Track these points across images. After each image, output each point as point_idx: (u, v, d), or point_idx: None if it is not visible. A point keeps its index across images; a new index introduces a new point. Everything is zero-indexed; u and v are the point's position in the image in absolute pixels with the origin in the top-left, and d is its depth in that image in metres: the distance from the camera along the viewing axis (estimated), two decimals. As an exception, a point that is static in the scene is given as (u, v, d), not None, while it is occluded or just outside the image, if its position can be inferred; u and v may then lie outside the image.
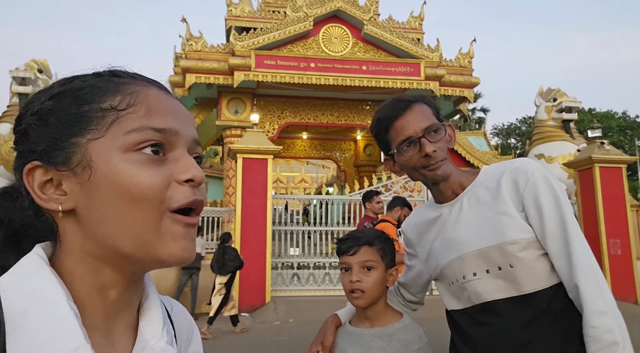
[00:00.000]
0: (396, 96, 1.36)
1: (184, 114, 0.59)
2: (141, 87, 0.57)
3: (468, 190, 1.27)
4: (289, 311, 8.14)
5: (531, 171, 1.18)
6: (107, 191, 0.52)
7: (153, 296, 0.61)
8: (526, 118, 34.13)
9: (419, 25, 14.44)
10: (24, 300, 0.50)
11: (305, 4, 11.80)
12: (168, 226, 0.52)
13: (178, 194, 0.53)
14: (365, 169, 16.05)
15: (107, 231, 0.52)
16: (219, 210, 9.72)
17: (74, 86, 0.56)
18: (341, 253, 1.44)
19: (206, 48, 11.72)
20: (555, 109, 12.97)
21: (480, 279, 1.19)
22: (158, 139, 0.54)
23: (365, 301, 1.37)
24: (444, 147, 1.25)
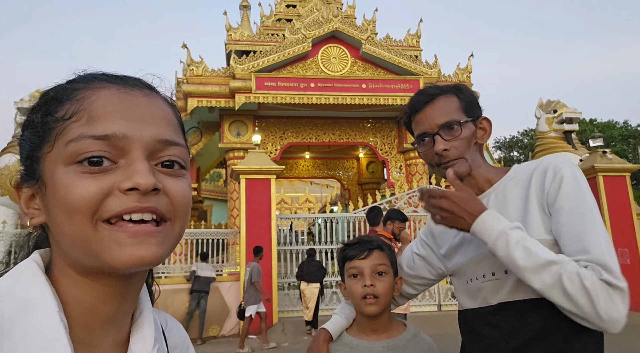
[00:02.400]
0: (427, 84, 1.31)
1: (142, 114, 0.54)
2: (92, 90, 0.54)
3: (495, 187, 1.21)
4: (297, 332, 8.05)
5: (559, 167, 1.12)
6: (53, 204, 0.51)
7: (147, 312, 0.60)
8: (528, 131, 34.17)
9: (417, 42, 14.61)
10: (15, 308, 0.49)
11: (303, 26, 11.99)
12: (107, 235, 0.49)
13: (114, 203, 0.49)
14: (369, 186, 16.04)
15: (64, 243, 0.52)
16: (223, 232, 9.70)
17: (44, 98, 0.56)
18: (350, 257, 1.37)
19: (207, 72, 11.87)
20: (555, 121, 13.00)
21: (499, 279, 1.15)
22: (99, 148, 0.50)
23: (379, 307, 1.30)
24: (461, 145, 1.19)
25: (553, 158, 1.17)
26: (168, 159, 0.54)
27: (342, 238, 10.26)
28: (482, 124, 1.24)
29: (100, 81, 0.55)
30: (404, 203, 9.97)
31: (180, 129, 0.60)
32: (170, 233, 0.53)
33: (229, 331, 8.57)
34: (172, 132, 0.56)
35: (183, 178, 0.56)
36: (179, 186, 0.54)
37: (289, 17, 15.80)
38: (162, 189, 0.52)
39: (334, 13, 12.10)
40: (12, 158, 10.77)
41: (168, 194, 0.53)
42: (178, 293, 8.47)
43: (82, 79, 0.56)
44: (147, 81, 0.59)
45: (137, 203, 0.50)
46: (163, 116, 0.56)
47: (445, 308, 9.43)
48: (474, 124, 1.22)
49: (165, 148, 0.54)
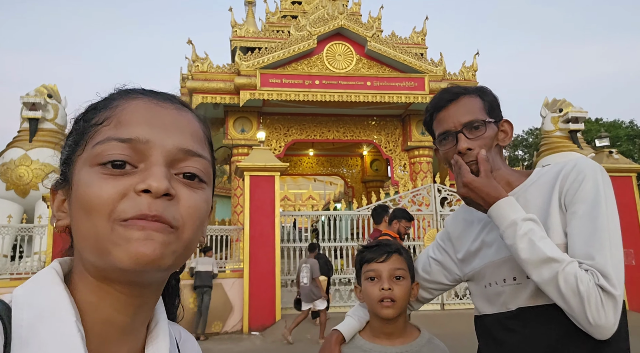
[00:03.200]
0: (450, 84, 1.30)
1: (168, 123, 0.56)
2: (125, 100, 0.57)
3: (517, 191, 1.19)
4: (299, 329, 8.06)
5: (582, 168, 1.10)
6: (75, 204, 0.53)
7: (163, 323, 0.60)
8: (533, 130, 34.01)
9: (422, 40, 14.56)
10: (33, 316, 0.49)
11: (308, 23, 11.96)
12: (121, 232, 0.50)
13: (129, 204, 0.50)
14: (373, 184, 16.03)
15: (81, 243, 0.53)
16: (227, 228, 9.72)
17: (87, 108, 0.59)
18: (368, 260, 1.36)
19: (212, 69, 11.88)
20: (561, 120, 12.94)
21: (520, 284, 1.13)
22: (121, 151, 0.52)
23: (395, 311, 1.29)
24: (484, 145, 1.17)
25: (579, 159, 1.14)
26: (189, 171, 0.55)
27: (345, 235, 10.25)
28: (504, 127, 1.23)
29: (136, 93, 0.58)
30: (408, 201, 9.96)
31: (208, 146, 0.61)
32: (177, 240, 0.52)
33: (232, 327, 8.60)
34: (196, 144, 0.57)
35: (201, 191, 0.56)
36: (193, 197, 0.54)
37: (294, 14, 15.78)
38: (176, 196, 0.53)
39: (340, 10, 12.06)
40: (18, 152, 10.82)
41: (180, 202, 0.53)
42: (182, 289, 8.46)
43: (120, 91, 0.59)
44: (182, 100, 0.62)
45: (147, 209, 0.50)
46: (189, 128, 0.57)
47: (448, 308, 9.42)
48: (497, 126, 1.21)
49: (186, 158, 0.55)
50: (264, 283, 8.59)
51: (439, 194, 9.89)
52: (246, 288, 8.56)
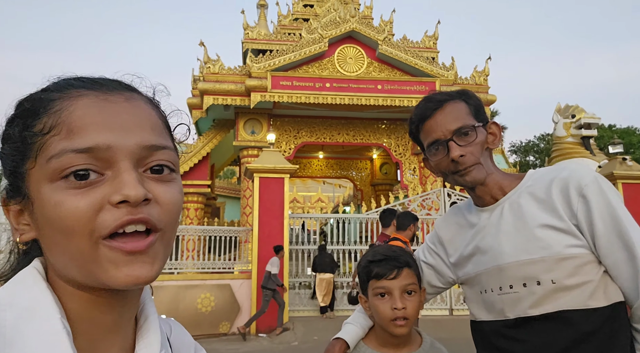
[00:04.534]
0: (432, 92, 1.26)
1: (124, 121, 0.51)
2: (68, 100, 0.51)
3: (510, 195, 1.17)
4: (307, 331, 8.05)
5: (585, 183, 1.07)
6: (44, 223, 0.49)
7: (152, 318, 0.59)
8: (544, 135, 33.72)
9: (434, 44, 14.52)
10: (17, 315, 0.48)
11: (320, 26, 11.99)
12: (106, 254, 0.48)
13: (108, 217, 0.47)
14: (382, 187, 15.99)
15: (57, 261, 0.51)
16: (236, 230, 9.75)
17: (19, 109, 0.53)
18: (377, 276, 1.27)
19: (223, 70, 11.94)
20: (574, 126, 12.81)
21: (517, 293, 1.10)
22: (83, 162, 0.48)
23: (408, 328, 1.24)
24: (477, 151, 1.15)
25: (574, 170, 1.11)
26: (157, 164, 0.52)
27: (354, 238, 10.24)
28: (492, 129, 1.21)
29: (76, 88, 0.52)
30: (417, 205, 9.92)
31: (167, 130, 0.58)
32: (161, 245, 0.52)
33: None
34: (157, 136, 0.54)
35: (173, 182, 0.54)
36: (169, 193, 0.53)
37: (306, 17, 15.82)
38: (153, 198, 0.51)
39: (351, 13, 12.07)
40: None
41: (159, 202, 0.51)
42: (190, 289, 8.54)
43: (56, 87, 0.53)
44: (127, 82, 0.57)
45: (129, 215, 0.48)
46: (147, 120, 0.54)
47: (456, 313, 9.35)
48: (485, 129, 1.19)
49: (152, 154, 0.52)
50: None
51: (448, 199, 9.84)
52: (254, 290, 8.57)
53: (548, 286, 1.06)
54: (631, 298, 1.04)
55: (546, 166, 14.07)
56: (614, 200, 1.06)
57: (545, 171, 1.17)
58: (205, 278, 8.84)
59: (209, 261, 9.22)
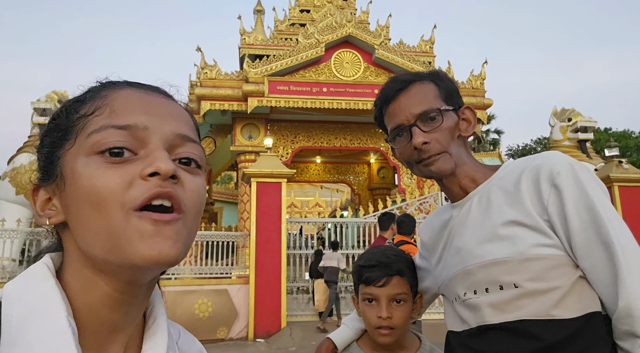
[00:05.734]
0: (399, 73, 1.13)
1: (162, 110, 0.55)
2: (113, 90, 0.56)
3: (480, 189, 1.03)
4: (305, 336, 8.02)
5: (557, 170, 0.92)
6: (75, 197, 0.51)
7: (161, 320, 0.59)
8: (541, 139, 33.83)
9: (430, 48, 14.58)
10: (23, 311, 0.48)
11: (316, 31, 12.03)
12: (135, 223, 0.49)
13: (139, 190, 0.49)
14: (380, 192, 15.99)
15: (84, 239, 0.51)
16: (233, 234, 9.73)
17: (66, 104, 0.58)
18: (366, 282, 1.23)
19: (220, 76, 11.96)
20: (570, 129, 12.87)
21: (479, 298, 0.97)
22: (121, 139, 0.51)
23: (393, 338, 1.20)
24: (443, 137, 1.02)
25: (547, 157, 0.96)
26: (186, 156, 0.55)
27: (352, 243, 10.23)
28: (465, 115, 1.08)
29: (122, 84, 0.57)
30: (414, 209, 9.92)
31: (197, 133, 0.61)
32: (183, 227, 0.52)
33: (237, 334, 8.57)
34: (189, 130, 0.57)
35: (199, 176, 0.56)
36: (194, 181, 0.55)
37: (302, 22, 15.87)
38: (180, 180, 0.53)
39: (348, 18, 12.12)
40: (28, 157, 10.94)
41: (184, 186, 0.53)
42: (187, 294, 8.51)
43: (105, 83, 0.58)
44: (165, 89, 0.61)
45: (158, 188, 0.50)
46: (181, 115, 0.58)
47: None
48: (456, 114, 1.06)
49: (183, 144, 0.55)
50: (269, 289, 8.57)
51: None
52: (252, 295, 8.55)
53: (511, 291, 0.92)
54: (610, 308, 0.87)
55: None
56: (592, 190, 0.90)
57: (520, 160, 1.03)
58: (202, 283, 8.81)
59: (206, 267, 9.19)
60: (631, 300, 0.81)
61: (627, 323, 0.82)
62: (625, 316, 0.82)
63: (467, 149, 1.08)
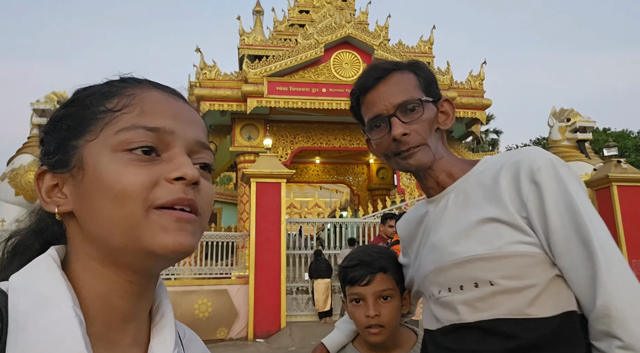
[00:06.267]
0: (376, 61, 1.10)
1: (186, 117, 0.58)
2: (141, 89, 0.58)
3: (458, 184, 1.01)
4: (304, 336, 8.03)
5: (537, 167, 0.89)
6: (96, 190, 0.52)
7: (169, 315, 0.60)
8: (540, 139, 33.86)
9: (429, 49, 14.59)
10: (30, 302, 0.49)
11: (316, 31, 12.04)
12: (156, 220, 0.51)
13: (164, 191, 0.52)
14: (379, 192, 16.00)
15: (98, 229, 0.52)
16: (233, 235, 9.73)
17: (83, 93, 0.59)
18: (351, 282, 1.22)
19: (220, 76, 11.96)
20: (569, 129, 12.89)
21: (454, 296, 0.95)
22: (149, 139, 0.53)
23: (384, 336, 1.19)
24: (423, 129, 0.99)
25: (527, 152, 0.94)
26: (203, 162, 0.58)
27: (351, 243, 10.24)
28: (444, 107, 1.05)
29: (146, 83, 0.60)
30: (414, 209, 9.93)
31: (208, 137, 0.64)
32: (200, 227, 0.56)
33: (237, 334, 8.58)
34: (206, 137, 0.61)
35: (209, 180, 0.60)
36: (209, 186, 0.58)
37: (301, 23, 15.88)
38: (199, 185, 0.56)
39: (347, 19, 12.14)
40: (27, 158, 10.93)
41: (201, 191, 0.56)
42: (187, 295, 8.51)
43: (128, 80, 0.60)
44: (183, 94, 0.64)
45: (183, 194, 0.53)
46: (200, 122, 0.61)
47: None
48: (435, 106, 1.03)
49: (201, 150, 0.58)
50: (269, 290, 8.58)
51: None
52: (251, 295, 8.55)
53: (486, 289, 0.90)
54: (587, 307, 0.85)
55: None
56: (572, 187, 0.88)
57: (500, 155, 1.01)
58: (202, 283, 8.82)
59: (206, 267, 9.20)
60: (609, 299, 0.79)
61: (604, 323, 0.80)
62: (602, 316, 0.80)
63: (444, 143, 1.06)
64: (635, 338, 0.77)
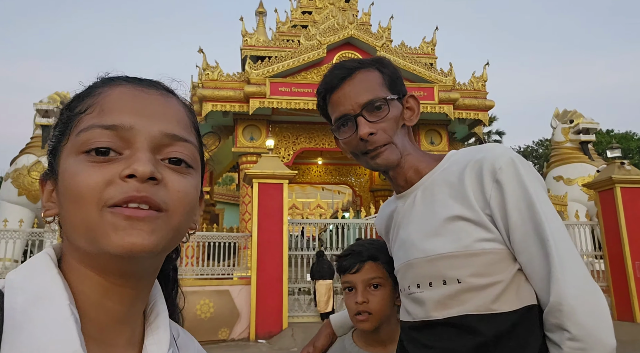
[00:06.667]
0: (341, 60, 1.10)
1: (152, 110, 0.55)
2: (109, 87, 0.56)
3: (424, 180, 1.02)
4: (306, 337, 8.02)
5: (499, 166, 0.92)
6: (63, 193, 0.53)
7: (163, 315, 0.60)
8: (543, 140, 33.78)
9: (432, 50, 14.59)
10: (26, 300, 0.49)
11: (318, 32, 12.05)
12: (108, 219, 0.50)
13: (116, 189, 0.50)
14: (381, 193, 15.97)
15: (70, 231, 0.53)
16: (235, 235, 9.74)
17: (70, 99, 0.59)
18: (342, 271, 1.28)
19: (222, 77, 11.98)
20: (572, 131, 12.86)
21: (423, 292, 0.98)
22: (106, 138, 0.52)
23: (372, 324, 1.23)
24: (389, 127, 1.00)
25: (490, 150, 0.96)
26: (175, 156, 0.55)
27: (353, 244, 10.25)
28: (409, 103, 1.06)
29: (119, 80, 0.58)
30: (416, 210, 9.92)
31: (194, 130, 0.60)
32: (165, 223, 0.52)
33: (239, 335, 8.58)
34: (181, 129, 0.57)
35: (189, 176, 0.56)
36: (180, 181, 0.54)
37: (304, 24, 15.89)
38: (162, 180, 0.53)
39: (350, 20, 12.14)
40: (30, 158, 10.97)
41: (167, 187, 0.53)
42: (189, 295, 8.50)
43: (104, 79, 0.59)
44: (166, 84, 0.61)
45: (134, 191, 0.50)
46: (174, 114, 0.57)
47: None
48: (401, 103, 1.04)
49: (172, 143, 0.55)
50: (271, 290, 8.58)
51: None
52: (253, 296, 8.55)
53: (454, 287, 0.93)
54: (543, 301, 0.89)
55: (545, 171, 14.03)
56: (532, 186, 0.91)
57: (464, 151, 1.02)
58: (204, 284, 8.82)
59: (208, 268, 9.21)
60: (562, 295, 0.84)
61: (556, 317, 0.85)
62: (555, 310, 0.85)
63: (410, 139, 1.07)
64: (584, 330, 0.82)
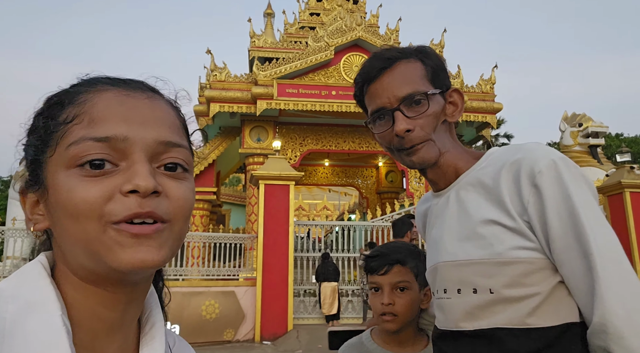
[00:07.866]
0: (383, 47, 1.02)
1: (142, 116, 0.53)
2: (94, 93, 0.53)
3: (461, 179, 0.96)
4: (311, 339, 8.01)
5: (538, 169, 0.83)
6: (56, 208, 0.50)
7: (159, 325, 0.58)
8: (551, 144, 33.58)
9: (440, 52, 14.55)
10: (18, 309, 0.48)
11: (326, 34, 12.06)
12: (113, 237, 0.48)
13: (118, 207, 0.48)
14: (388, 195, 15.95)
15: (68, 247, 0.51)
16: (241, 236, 9.75)
17: (47, 103, 0.55)
18: (370, 271, 1.31)
19: (230, 78, 12.02)
20: (581, 135, 12.76)
21: (450, 299, 0.92)
22: (100, 151, 0.49)
23: (397, 325, 1.26)
24: (428, 124, 0.93)
25: (529, 151, 0.88)
26: (170, 162, 0.53)
27: (359, 246, 10.21)
28: (453, 98, 0.99)
29: (103, 84, 0.55)
30: (422, 213, 9.88)
31: (184, 131, 0.59)
32: (170, 234, 0.52)
33: (244, 336, 8.58)
34: (174, 134, 0.55)
35: (185, 181, 0.55)
36: (180, 189, 0.53)
37: (312, 25, 15.91)
38: (163, 192, 0.51)
39: (357, 22, 12.14)
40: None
41: (169, 197, 0.52)
42: (194, 296, 8.53)
43: (85, 82, 0.56)
44: (151, 84, 0.58)
45: (138, 207, 0.49)
46: (165, 118, 0.55)
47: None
48: (443, 98, 0.97)
49: (167, 150, 0.53)
50: (276, 292, 8.58)
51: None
52: (259, 297, 8.56)
53: (485, 297, 0.86)
54: (587, 319, 0.81)
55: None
56: (575, 192, 0.82)
57: (503, 150, 0.95)
58: (210, 285, 8.84)
59: (213, 268, 9.22)
60: (607, 315, 0.76)
61: (601, 339, 0.77)
62: (599, 331, 0.77)
63: (452, 135, 1.00)
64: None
